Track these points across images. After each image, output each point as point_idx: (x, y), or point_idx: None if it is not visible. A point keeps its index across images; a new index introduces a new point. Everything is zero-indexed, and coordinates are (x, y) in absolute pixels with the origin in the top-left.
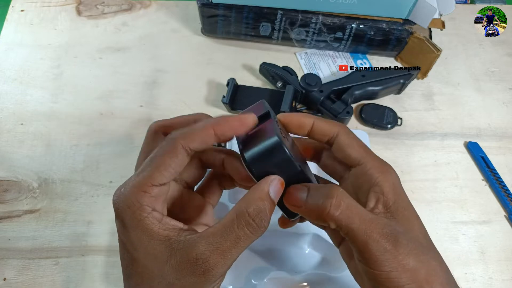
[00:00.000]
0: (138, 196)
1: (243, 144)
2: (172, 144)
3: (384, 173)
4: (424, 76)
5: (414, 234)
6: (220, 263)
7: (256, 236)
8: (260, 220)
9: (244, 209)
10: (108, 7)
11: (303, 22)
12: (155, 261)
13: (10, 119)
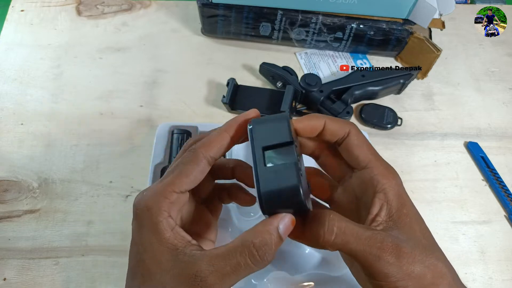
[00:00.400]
0: (159, 200)
1: (264, 173)
2: (194, 153)
3: (390, 180)
4: (424, 76)
5: (417, 239)
6: (217, 285)
7: (257, 268)
8: (263, 253)
9: (250, 239)
10: (108, 7)
11: (303, 22)
12: (159, 267)
13: (10, 119)
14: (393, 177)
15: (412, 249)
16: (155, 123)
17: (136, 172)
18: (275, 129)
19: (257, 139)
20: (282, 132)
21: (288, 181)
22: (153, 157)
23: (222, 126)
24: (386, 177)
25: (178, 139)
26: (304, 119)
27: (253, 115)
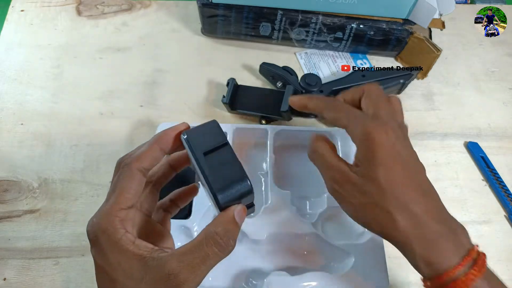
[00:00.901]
0: (111, 221)
1: (212, 173)
2: (128, 168)
3: (363, 141)
4: (424, 76)
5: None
6: (190, 278)
7: (223, 255)
8: (227, 239)
9: (213, 229)
10: (108, 7)
11: (303, 22)
12: (131, 280)
13: (10, 119)
14: (366, 138)
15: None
16: (155, 123)
17: None
18: (209, 135)
19: (195, 147)
20: (216, 136)
21: (238, 177)
22: None
23: (151, 139)
24: (360, 139)
25: None
26: (300, 97)
27: (184, 128)
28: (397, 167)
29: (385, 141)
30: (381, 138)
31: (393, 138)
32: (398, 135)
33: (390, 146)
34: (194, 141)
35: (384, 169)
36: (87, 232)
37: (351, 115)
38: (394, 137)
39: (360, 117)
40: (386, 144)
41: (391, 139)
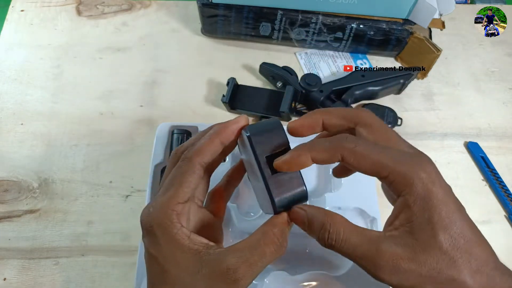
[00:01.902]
0: (168, 214)
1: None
2: (189, 162)
3: (410, 187)
4: (424, 76)
5: (434, 252)
6: (248, 274)
7: (278, 254)
8: (283, 240)
9: (271, 229)
10: (108, 7)
11: (303, 22)
12: (186, 272)
13: (10, 119)
14: (414, 180)
15: (418, 264)
16: (155, 123)
17: (136, 172)
18: (273, 137)
19: (258, 148)
20: (280, 140)
21: (297, 188)
22: (153, 157)
23: (211, 131)
24: (405, 183)
25: (178, 139)
26: (299, 119)
27: (245, 123)
28: (463, 225)
29: (443, 194)
30: (438, 191)
31: (446, 186)
32: (447, 184)
33: (450, 200)
34: (256, 140)
35: (448, 233)
36: (141, 221)
37: (393, 155)
38: (446, 185)
39: (401, 158)
40: (446, 198)
41: (447, 189)
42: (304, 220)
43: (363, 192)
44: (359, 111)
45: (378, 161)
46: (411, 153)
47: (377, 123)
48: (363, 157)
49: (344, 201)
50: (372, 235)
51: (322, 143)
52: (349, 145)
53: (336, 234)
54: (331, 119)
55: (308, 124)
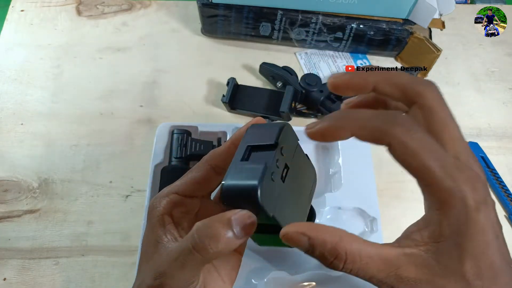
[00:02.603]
0: (160, 200)
1: (236, 165)
2: (200, 162)
3: (451, 208)
4: (424, 76)
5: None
6: (176, 276)
7: (204, 256)
8: (204, 238)
9: (197, 223)
10: (108, 7)
11: (303, 22)
12: (145, 256)
13: (10, 119)
14: (457, 204)
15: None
16: (155, 123)
17: (136, 172)
18: (265, 132)
19: (245, 138)
20: (270, 135)
21: (248, 180)
22: (153, 157)
23: (231, 137)
24: (447, 203)
25: (178, 139)
26: (346, 73)
27: (256, 122)
28: (494, 255)
29: (484, 222)
30: (481, 219)
31: (491, 213)
32: (492, 207)
33: (489, 228)
34: (249, 133)
35: (475, 262)
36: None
37: (446, 164)
38: (491, 212)
39: (453, 171)
40: (486, 226)
41: (491, 216)
42: (305, 244)
43: (363, 192)
44: (424, 86)
45: (428, 167)
46: (465, 165)
47: (440, 109)
48: (413, 155)
49: (344, 201)
50: (391, 256)
51: (369, 118)
52: (402, 134)
53: (353, 263)
54: (385, 86)
55: (355, 84)
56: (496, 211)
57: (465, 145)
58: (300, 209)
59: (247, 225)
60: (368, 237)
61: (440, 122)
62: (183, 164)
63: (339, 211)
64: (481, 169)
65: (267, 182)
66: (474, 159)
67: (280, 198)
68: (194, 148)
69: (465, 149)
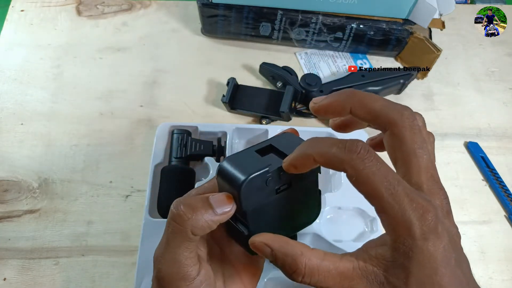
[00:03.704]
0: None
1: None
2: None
3: (394, 237)
4: (424, 76)
5: None
6: (165, 259)
7: (179, 229)
8: (181, 211)
9: (177, 200)
10: (108, 7)
11: (303, 22)
12: None
13: (10, 119)
14: (402, 231)
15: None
16: (155, 123)
17: (136, 172)
18: (291, 145)
19: (274, 138)
20: (292, 148)
21: (238, 174)
22: (153, 157)
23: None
24: (393, 231)
25: (178, 139)
26: (327, 96)
27: (291, 131)
28: (444, 282)
29: (434, 252)
30: (431, 248)
31: (445, 244)
32: (448, 235)
33: (440, 259)
34: (280, 137)
35: (421, 285)
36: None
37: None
38: (445, 243)
39: (398, 200)
40: (436, 256)
41: (444, 248)
42: (268, 255)
43: None
44: (396, 114)
45: (378, 195)
46: (420, 195)
47: (410, 139)
48: (365, 183)
49: (344, 201)
50: (346, 270)
51: (329, 146)
52: (355, 163)
53: (311, 276)
54: (360, 112)
55: (333, 108)
56: (456, 240)
57: (430, 174)
58: (277, 230)
59: (222, 202)
60: (368, 237)
61: (408, 152)
62: (183, 164)
63: (339, 211)
64: (443, 197)
65: (257, 181)
66: (439, 188)
67: (263, 205)
68: (194, 148)
69: (430, 178)
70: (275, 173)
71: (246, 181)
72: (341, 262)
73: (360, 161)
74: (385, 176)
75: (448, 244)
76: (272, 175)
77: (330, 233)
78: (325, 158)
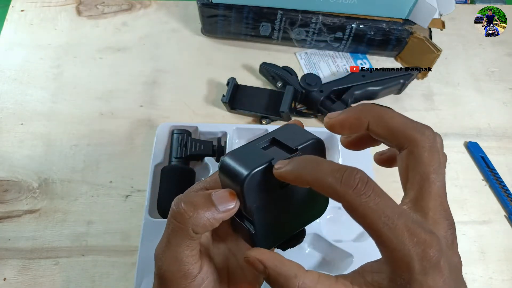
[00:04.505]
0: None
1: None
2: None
3: (393, 269)
4: (424, 76)
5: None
6: (159, 256)
7: (181, 232)
8: (182, 209)
9: (177, 197)
10: (108, 7)
11: (303, 22)
12: None
13: (10, 119)
14: (401, 265)
15: None
16: (155, 123)
17: (136, 172)
18: (296, 136)
19: (278, 131)
20: (298, 140)
21: (241, 168)
22: (153, 157)
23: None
24: (392, 263)
25: (178, 139)
26: (343, 112)
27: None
28: None
29: (434, 286)
30: (430, 283)
31: (445, 278)
32: (449, 269)
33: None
34: (284, 129)
35: None
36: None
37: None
38: (446, 277)
39: (398, 234)
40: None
41: (444, 282)
42: (261, 272)
43: None
44: (416, 133)
45: (376, 230)
46: (422, 227)
47: (428, 160)
48: (362, 217)
49: None
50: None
51: (326, 173)
52: (351, 198)
53: None
54: (377, 128)
55: (350, 124)
56: (457, 269)
57: (439, 202)
58: (284, 226)
59: (225, 198)
60: (368, 237)
61: (422, 174)
62: (183, 164)
63: (339, 211)
64: (447, 228)
65: (260, 176)
66: (446, 216)
67: (269, 201)
68: (194, 148)
69: (438, 206)
70: None
71: (249, 176)
72: (336, 286)
73: (356, 196)
74: (383, 211)
75: (448, 277)
76: None
77: (330, 233)
78: (319, 186)
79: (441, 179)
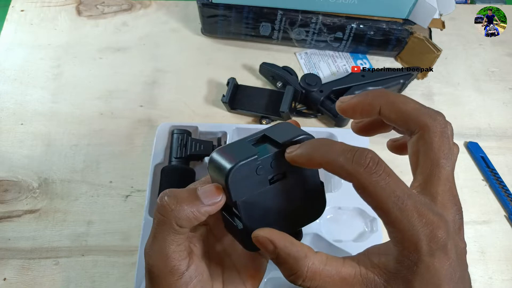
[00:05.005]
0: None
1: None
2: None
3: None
4: (424, 76)
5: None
6: (154, 253)
7: (167, 220)
8: (166, 204)
9: (163, 191)
10: (108, 7)
11: (303, 22)
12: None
13: (10, 119)
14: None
15: None
16: (155, 123)
17: (136, 172)
18: (286, 133)
19: (271, 128)
20: (285, 136)
21: (227, 162)
22: (153, 157)
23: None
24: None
25: (178, 139)
26: (354, 96)
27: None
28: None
29: (440, 268)
30: (436, 265)
31: (451, 261)
32: (456, 252)
33: (444, 276)
34: (277, 126)
35: None
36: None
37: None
38: (453, 260)
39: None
40: (440, 273)
41: (450, 265)
42: (271, 252)
43: None
44: (429, 118)
45: (385, 209)
46: (431, 209)
47: (438, 145)
48: (372, 196)
49: (344, 201)
50: (348, 276)
51: (338, 153)
52: (363, 177)
53: (311, 281)
54: (389, 113)
55: (361, 108)
56: (462, 256)
57: (448, 187)
58: (275, 225)
59: (210, 192)
60: (368, 237)
61: (432, 159)
62: (183, 164)
63: (339, 211)
64: (456, 212)
65: (245, 169)
66: (454, 201)
67: (256, 196)
68: (194, 148)
69: (447, 190)
70: (265, 161)
71: (233, 169)
72: (343, 268)
73: (368, 175)
74: (394, 191)
75: (454, 261)
76: (262, 163)
77: (330, 233)
78: (331, 167)
79: (450, 165)
